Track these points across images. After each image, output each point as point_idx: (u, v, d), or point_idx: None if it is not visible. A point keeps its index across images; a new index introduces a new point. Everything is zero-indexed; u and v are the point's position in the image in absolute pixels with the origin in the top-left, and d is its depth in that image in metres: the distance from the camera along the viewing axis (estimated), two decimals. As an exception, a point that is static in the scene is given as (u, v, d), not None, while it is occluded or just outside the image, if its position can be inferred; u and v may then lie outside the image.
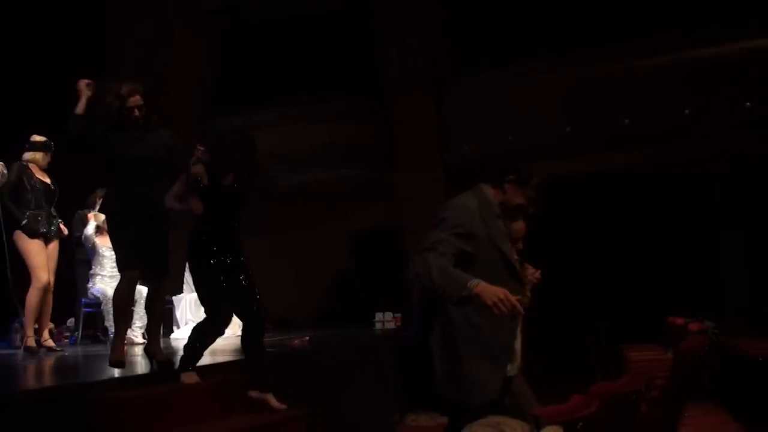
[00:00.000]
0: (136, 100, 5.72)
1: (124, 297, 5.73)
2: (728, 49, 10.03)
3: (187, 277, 10.65)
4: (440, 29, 12.55)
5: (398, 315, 11.20)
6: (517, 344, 4.13)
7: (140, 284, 7.37)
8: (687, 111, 10.11)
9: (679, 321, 8.78)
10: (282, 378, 6.25)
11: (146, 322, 8.53)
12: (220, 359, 6.65)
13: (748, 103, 9.81)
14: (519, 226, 4.58)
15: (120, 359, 5.50)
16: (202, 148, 5.70)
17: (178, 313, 10.47)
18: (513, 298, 3.53)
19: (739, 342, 8.93)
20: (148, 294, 6.27)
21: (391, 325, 11.02)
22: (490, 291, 3.55)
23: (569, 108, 10.79)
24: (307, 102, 12.95)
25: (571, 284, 13.98)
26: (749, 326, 10.75)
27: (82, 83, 5.79)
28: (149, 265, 5.75)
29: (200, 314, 10.19)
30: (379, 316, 11.22)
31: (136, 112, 5.70)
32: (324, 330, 10.57)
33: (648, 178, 12.65)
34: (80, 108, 5.73)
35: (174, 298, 10.41)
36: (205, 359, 5.92)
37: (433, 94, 12.33)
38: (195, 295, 10.41)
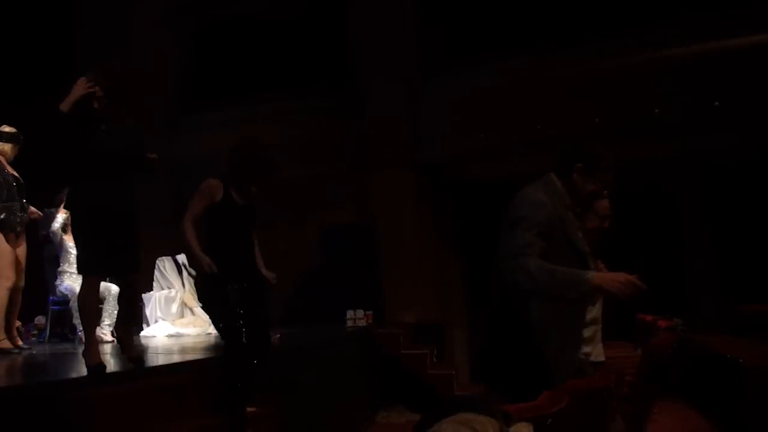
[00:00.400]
0: (95, 90, 5.44)
1: (88, 302, 5.41)
2: (697, 49, 10.12)
3: (158, 275, 10.62)
4: (413, 27, 12.54)
5: (369, 312, 11.21)
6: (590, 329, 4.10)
7: (108, 281, 7.30)
8: (656, 110, 10.19)
9: (649, 318, 8.86)
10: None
11: (115, 319, 8.50)
12: (190, 357, 6.61)
13: (716, 102, 9.90)
14: (603, 204, 4.48)
15: (99, 362, 5.21)
16: (154, 156, 5.59)
17: (148, 311, 10.42)
18: (633, 278, 3.52)
19: (706, 339, 9.04)
20: (120, 291, 6.11)
21: (362, 323, 11.02)
22: (609, 279, 3.58)
23: (540, 106, 10.84)
24: (278, 99, 12.89)
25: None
26: (717, 324, 10.86)
27: (82, 82, 5.36)
28: (117, 266, 5.50)
29: (171, 311, 10.23)
30: (350, 313, 11.22)
31: (95, 104, 5.43)
32: (295, 327, 10.55)
33: (617, 176, 12.72)
34: (66, 105, 5.29)
35: (144, 295, 10.35)
36: (175, 357, 5.87)
37: (405, 92, 12.31)
38: (165, 292, 10.44)
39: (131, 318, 6.15)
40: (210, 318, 5.56)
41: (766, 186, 12.21)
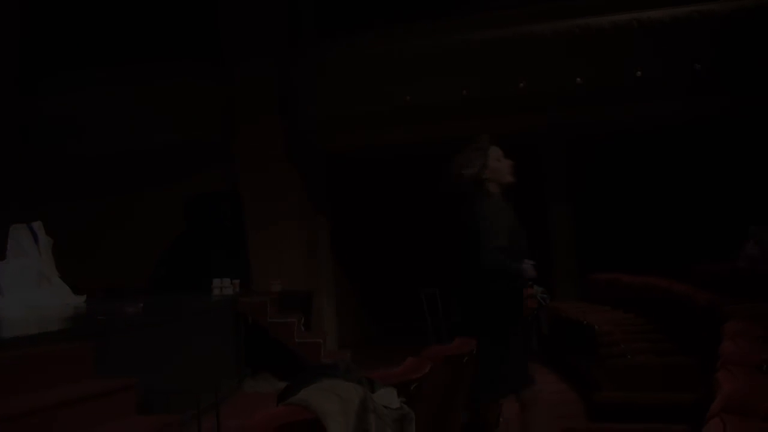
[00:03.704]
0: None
1: None
2: (561, 26, 10.40)
3: (12, 244, 10.10)
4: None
5: (236, 281, 11.06)
6: None
7: None
8: (521, 84, 10.41)
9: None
10: (114, 346, 6.08)
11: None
12: (49, 327, 6.39)
13: (578, 79, 10.19)
14: None
15: None
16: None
17: (2, 282, 9.93)
18: None
19: (565, 306, 9.41)
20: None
21: (229, 291, 10.87)
22: None
23: (410, 77, 10.91)
24: (143, 62, 12.51)
25: (406, 252, 14.28)
26: (575, 291, 11.30)
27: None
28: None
29: (24, 281, 9.76)
30: (216, 282, 11.04)
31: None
32: (160, 297, 10.33)
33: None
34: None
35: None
36: (33, 329, 5.65)
37: (274, 59, 12.15)
38: (20, 261, 9.95)
39: None
40: None
41: (625, 161, 12.75)
